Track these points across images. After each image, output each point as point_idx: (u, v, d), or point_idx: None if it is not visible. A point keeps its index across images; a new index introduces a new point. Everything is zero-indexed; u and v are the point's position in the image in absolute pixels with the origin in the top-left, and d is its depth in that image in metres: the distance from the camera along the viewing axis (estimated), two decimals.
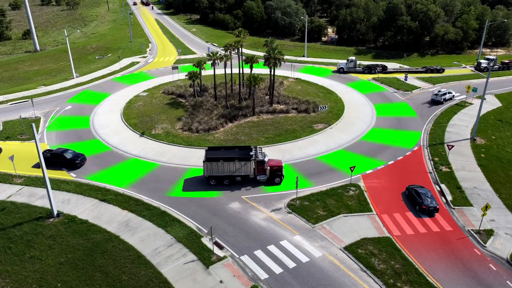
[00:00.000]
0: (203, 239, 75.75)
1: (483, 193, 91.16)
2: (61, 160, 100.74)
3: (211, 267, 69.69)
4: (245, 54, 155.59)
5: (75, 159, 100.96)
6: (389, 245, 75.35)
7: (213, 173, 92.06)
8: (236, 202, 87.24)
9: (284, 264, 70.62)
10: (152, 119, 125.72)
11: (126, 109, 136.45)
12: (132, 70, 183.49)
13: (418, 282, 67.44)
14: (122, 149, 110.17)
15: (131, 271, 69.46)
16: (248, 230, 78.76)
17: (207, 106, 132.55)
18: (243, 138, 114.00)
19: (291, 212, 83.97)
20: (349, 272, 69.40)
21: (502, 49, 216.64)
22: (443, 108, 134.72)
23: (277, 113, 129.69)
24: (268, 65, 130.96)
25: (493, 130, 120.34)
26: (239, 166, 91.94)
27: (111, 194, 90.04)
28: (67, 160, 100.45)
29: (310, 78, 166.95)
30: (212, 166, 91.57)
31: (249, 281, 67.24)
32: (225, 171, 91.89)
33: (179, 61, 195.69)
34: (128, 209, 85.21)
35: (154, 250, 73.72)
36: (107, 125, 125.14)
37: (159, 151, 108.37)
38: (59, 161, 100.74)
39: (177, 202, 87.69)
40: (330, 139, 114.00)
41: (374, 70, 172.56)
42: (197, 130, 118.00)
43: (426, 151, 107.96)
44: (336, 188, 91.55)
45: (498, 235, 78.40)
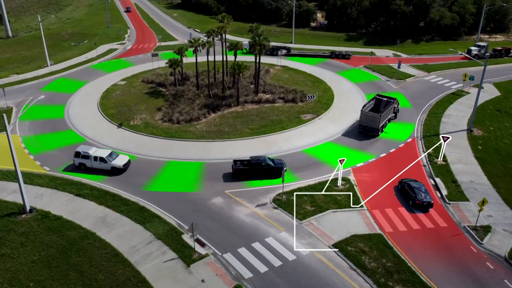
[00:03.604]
0: (184, 236, 75.79)
1: (480, 187, 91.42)
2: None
3: (192, 266, 69.74)
4: (229, 40, 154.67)
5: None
6: (380, 242, 75.48)
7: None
8: (219, 197, 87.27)
9: (269, 262, 70.73)
10: (131, 109, 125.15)
11: (103, 98, 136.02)
12: (109, 57, 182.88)
13: (411, 281, 67.60)
14: (98, 141, 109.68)
15: (108, 270, 69.31)
16: (232, 227, 78.85)
17: (189, 96, 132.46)
18: (227, 129, 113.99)
19: (277, 207, 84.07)
20: (338, 270, 69.58)
21: (501, 35, 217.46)
22: (439, 97, 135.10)
23: (262, 102, 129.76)
24: (253, 52, 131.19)
25: (491, 120, 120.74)
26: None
27: (86, 189, 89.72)
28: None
29: (298, 65, 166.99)
30: None
31: (232, 280, 67.35)
32: None
33: (159, 48, 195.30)
34: (105, 204, 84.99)
35: (132, 248, 73.62)
36: (83, 115, 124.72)
37: (137, 143, 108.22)
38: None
39: (156, 197, 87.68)
40: (318, 130, 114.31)
41: (277, 52, 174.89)
42: (178, 121, 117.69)
43: (420, 143, 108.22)
44: (324, 182, 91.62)
45: (495, 232, 78.60)
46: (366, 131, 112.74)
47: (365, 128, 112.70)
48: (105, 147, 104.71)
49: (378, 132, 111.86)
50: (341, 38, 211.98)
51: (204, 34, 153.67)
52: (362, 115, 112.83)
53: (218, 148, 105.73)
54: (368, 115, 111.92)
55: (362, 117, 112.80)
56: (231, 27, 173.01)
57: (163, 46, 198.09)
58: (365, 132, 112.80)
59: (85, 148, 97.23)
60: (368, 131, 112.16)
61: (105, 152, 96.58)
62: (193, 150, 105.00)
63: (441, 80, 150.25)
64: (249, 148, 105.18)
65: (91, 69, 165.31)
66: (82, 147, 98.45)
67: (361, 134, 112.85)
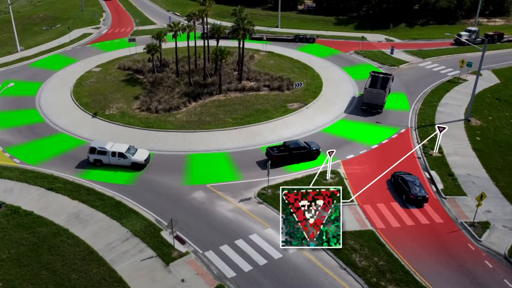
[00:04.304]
0: (163, 233, 75.67)
1: (478, 180, 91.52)
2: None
3: (172, 264, 69.66)
4: (210, 24, 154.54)
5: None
6: (372, 239, 75.48)
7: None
8: (200, 191, 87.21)
9: (253, 260, 70.73)
10: (106, 98, 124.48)
11: (77, 86, 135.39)
12: (83, 42, 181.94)
13: (405, 281, 67.53)
14: (71, 131, 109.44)
15: (82, 269, 69.06)
16: (214, 223, 78.83)
17: (168, 83, 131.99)
18: (209, 119, 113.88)
19: (262, 202, 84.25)
20: (326, 269, 69.60)
21: (500, 19, 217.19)
22: (434, 85, 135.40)
23: (246, 90, 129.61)
24: (237, 37, 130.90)
25: (490, 109, 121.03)
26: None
27: (59, 182, 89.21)
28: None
29: (284, 51, 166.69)
30: None
31: (214, 279, 67.26)
32: None
33: (136, 32, 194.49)
34: (79, 199, 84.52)
35: (107, 245, 73.42)
36: (56, 104, 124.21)
37: (113, 134, 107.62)
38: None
39: (133, 191, 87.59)
40: (306, 120, 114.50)
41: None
42: (156, 110, 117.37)
43: (414, 134, 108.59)
44: (312, 175, 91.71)
45: (494, 228, 78.62)
46: (369, 108, 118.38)
47: (368, 105, 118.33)
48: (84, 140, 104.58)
49: (382, 109, 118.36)
50: (330, 22, 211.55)
51: (184, 18, 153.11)
52: (366, 92, 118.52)
53: (200, 139, 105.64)
54: (373, 92, 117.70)
55: (366, 94, 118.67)
56: (213, 10, 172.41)
57: (140, 30, 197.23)
58: (369, 109, 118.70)
59: (101, 143, 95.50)
60: (372, 108, 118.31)
61: (123, 147, 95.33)
62: (173, 141, 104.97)
63: (437, 66, 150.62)
64: (232, 139, 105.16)
65: (65, 55, 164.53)
66: (96, 142, 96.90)
67: (364, 111, 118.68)
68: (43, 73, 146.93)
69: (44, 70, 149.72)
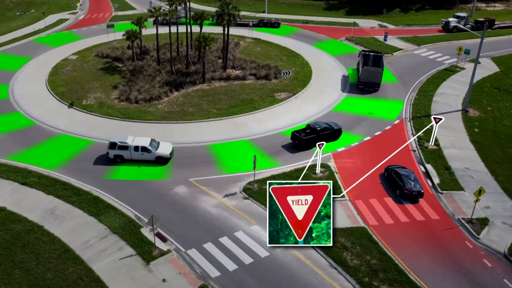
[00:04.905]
0: (143, 230, 75.41)
1: (477, 174, 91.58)
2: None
3: (152, 263, 69.42)
4: (193, 9, 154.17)
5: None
6: (364, 236, 75.31)
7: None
8: (183, 186, 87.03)
9: (239, 259, 70.55)
10: (83, 87, 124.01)
11: (52, 75, 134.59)
12: (59, 28, 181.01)
13: (398, 281, 67.36)
14: (47, 122, 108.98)
15: (57, 268, 68.71)
16: (197, 219, 78.66)
17: (149, 72, 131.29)
18: (191, 109, 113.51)
19: (247, 197, 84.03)
20: (316, 268, 69.50)
21: (500, 3, 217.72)
22: (430, 73, 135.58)
23: (231, 79, 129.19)
24: (221, 23, 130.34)
25: (489, 99, 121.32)
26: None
27: (33, 177, 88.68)
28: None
29: (271, 38, 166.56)
30: None
31: (197, 279, 67.08)
32: None
33: (115, 18, 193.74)
34: (54, 194, 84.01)
35: (84, 243, 73.05)
36: (30, 94, 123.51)
37: (90, 125, 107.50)
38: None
39: (112, 185, 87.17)
40: (295, 111, 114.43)
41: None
42: (136, 100, 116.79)
43: (409, 125, 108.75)
44: (301, 169, 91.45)
45: (494, 225, 78.53)
46: (366, 86, 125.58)
47: (365, 84, 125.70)
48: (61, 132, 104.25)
49: (379, 86, 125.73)
50: (320, 7, 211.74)
51: (165, 3, 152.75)
52: (364, 71, 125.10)
53: (182, 131, 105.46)
54: (370, 70, 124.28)
55: (364, 73, 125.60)
56: None
57: (119, 16, 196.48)
58: (366, 88, 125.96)
59: (121, 138, 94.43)
60: (369, 86, 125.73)
61: (146, 140, 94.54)
62: (154, 133, 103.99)
63: (433, 54, 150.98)
64: (217, 131, 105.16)
65: (39, 43, 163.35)
66: (116, 136, 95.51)
67: (361, 90, 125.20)
68: (17, 61, 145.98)
69: (18, 57, 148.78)
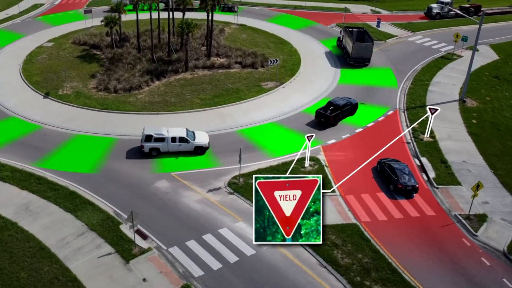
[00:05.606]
0: (122, 227, 75.16)
1: (474, 168, 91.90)
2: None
3: (132, 262, 69.25)
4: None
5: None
6: (355, 233, 75.30)
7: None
8: (164, 180, 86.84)
9: (223, 258, 70.45)
10: (59, 76, 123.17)
11: (27, 63, 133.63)
12: (34, 14, 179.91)
13: (392, 280, 67.41)
14: (21, 114, 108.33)
15: (32, 267, 68.34)
16: (179, 215, 78.57)
17: (128, 60, 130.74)
18: (174, 99, 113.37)
19: (233, 192, 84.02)
20: (305, 267, 69.44)
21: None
22: (425, 61, 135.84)
23: (216, 68, 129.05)
24: (205, 8, 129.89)
25: (488, 89, 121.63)
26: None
27: (6, 170, 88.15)
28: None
29: (258, 24, 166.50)
30: None
31: (179, 279, 66.94)
32: None
33: (93, 3, 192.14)
34: (28, 188, 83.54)
35: (60, 241, 72.72)
36: (3, 84, 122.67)
37: (67, 116, 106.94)
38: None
39: (90, 180, 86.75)
40: (282, 101, 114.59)
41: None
42: (115, 89, 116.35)
43: (403, 116, 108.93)
44: (289, 162, 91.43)
45: (492, 221, 78.74)
46: (357, 62, 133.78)
47: (356, 60, 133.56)
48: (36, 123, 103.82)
49: (369, 61, 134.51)
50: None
51: None
52: (355, 47, 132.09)
53: (164, 122, 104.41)
54: (362, 46, 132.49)
55: (355, 49, 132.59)
56: None
57: (97, 0, 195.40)
58: (356, 63, 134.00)
59: (156, 130, 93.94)
60: (360, 62, 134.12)
61: (182, 131, 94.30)
62: (134, 124, 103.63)
63: (428, 41, 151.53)
64: (201, 122, 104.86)
65: (11, 30, 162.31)
66: (149, 128, 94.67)
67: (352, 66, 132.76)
68: None
69: None
